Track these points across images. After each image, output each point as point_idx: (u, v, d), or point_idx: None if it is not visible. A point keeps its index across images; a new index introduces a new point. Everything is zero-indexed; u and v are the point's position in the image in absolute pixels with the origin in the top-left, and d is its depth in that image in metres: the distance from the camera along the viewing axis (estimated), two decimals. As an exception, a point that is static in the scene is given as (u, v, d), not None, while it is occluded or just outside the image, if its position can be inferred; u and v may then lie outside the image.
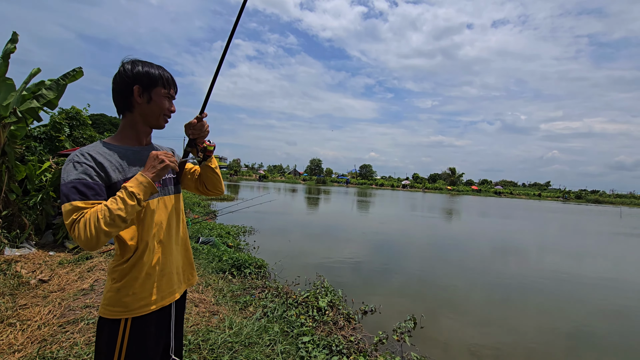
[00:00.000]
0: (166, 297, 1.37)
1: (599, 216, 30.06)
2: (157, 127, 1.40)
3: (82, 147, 1.24)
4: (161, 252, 1.35)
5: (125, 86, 1.29)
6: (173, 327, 1.43)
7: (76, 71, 5.94)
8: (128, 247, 1.27)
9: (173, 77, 1.40)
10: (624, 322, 5.10)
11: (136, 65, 1.31)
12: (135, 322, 1.26)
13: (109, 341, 1.24)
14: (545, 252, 10.74)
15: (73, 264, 4.70)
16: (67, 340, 2.80)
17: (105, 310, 1.25)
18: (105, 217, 1.08)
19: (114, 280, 1.27)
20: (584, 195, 79.72)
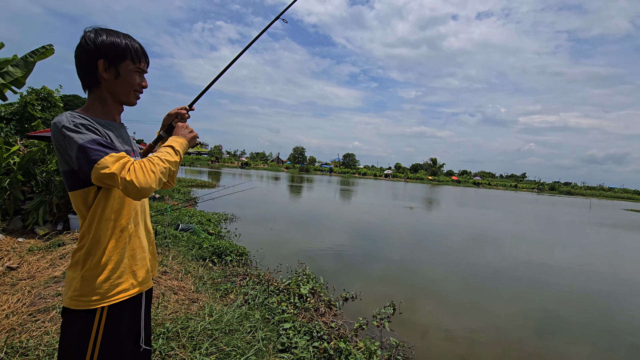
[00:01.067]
0: (143, 283, 1.31)
1: (570, 207, 31.44)
2: (128, 104, 1.30)
3: (65, 113, 1.12)
4: (138, 237, 1.30)
5: (88, 60, 1.17)
6: (143, 317, 1.36)
7: (46, 48, 5.60)
8: (109, 228, 1.19)
9: (143, 47, 1.27)
10: (590, 307, 5.38)
11: (100, 34, 1.17)
12: (111, 311, 1.17)
13: (81, 335, 1.13)
14: (519, 241, 11.16)
15: (44, 250, 4.50)
16: (37, 329, 2.69)
17: (75, 301, 1.13)
18: (160, 164, 1.12)
19: (86, 268, 1.15)
20: (557, 187, 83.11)
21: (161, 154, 1.17)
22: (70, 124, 1.07)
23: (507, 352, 3.74)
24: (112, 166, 1.03)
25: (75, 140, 1.06)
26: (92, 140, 1.06)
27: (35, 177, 5.80)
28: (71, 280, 1.17)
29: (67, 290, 1.16)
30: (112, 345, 1.18)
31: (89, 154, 1.04)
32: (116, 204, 1.20)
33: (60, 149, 1.11)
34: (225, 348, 2.69)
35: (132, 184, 1.03)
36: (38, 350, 2.41)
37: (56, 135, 1.09)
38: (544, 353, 3.79)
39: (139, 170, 1.06)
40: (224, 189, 11.34)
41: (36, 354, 2.38)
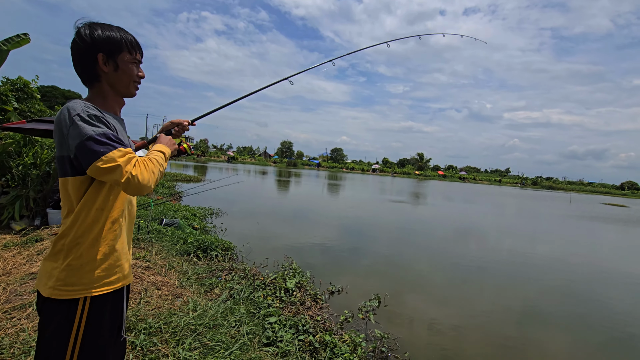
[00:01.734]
0: (126, 277, 1.31)
1: (551, 201, 32.32)
2: (128, 95, 1.33)
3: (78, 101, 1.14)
4: (127, 231, 1.32)
5: (87, 55, 1.19)
6: (125, 309, 1.36)
7: (21, 37, 5.37)
8: (100, 218, 1.19)
9: (136, 39, 1.30)
10: (568, 298, 5.55)
11: (94, 29, 1.19)
12: (94, 302, 1.17)
13: (63, 325, 1.12)
14: (501, 235, 11.42)
15: (20, 246, 4.35)
16: (13, 326, 2.60)
17: (58, 291, 1.12)
18: (158, 166, 1.20)
19: (72, 257, 1.14)
20: (539, 182, 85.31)
21: (157, 157, 1.24)
22: (84, 113, 1.09)
23: (489, 343, 3.83)
24: (119, 161, 1.07)
25: (84, 130, 1.06)
26: (102, 134, 1.08)
27: (10, 171, 5.58)
28: (50, 270, 1.15)
29: (47, 280, 1.14)
30: (94, 336, 1.17)
31: (96, 147, 1.06)
32: (111, 195, 1.21)
33: (61, 135, 1.11)
34: (209, 343, 2.67)
35: (136, 179, 1.08)
36: (13, 348, 2.34)
37: (64, 120, 1.09)
38: (524, 343, 3.90)
39: (143, 168, 1.12)
40: (209, 183, 11.18)
41: (11, 352, 2.30)
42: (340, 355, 2.92)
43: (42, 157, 5.71)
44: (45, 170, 5.73)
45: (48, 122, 5.12)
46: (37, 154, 5.70)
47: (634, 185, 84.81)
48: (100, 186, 1.17)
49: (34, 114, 7.02)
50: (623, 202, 44.32)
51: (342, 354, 2.92)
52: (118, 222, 1.24)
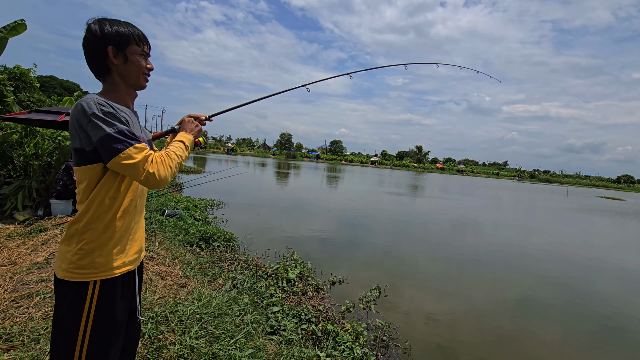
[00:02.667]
0: (135, 261, 1.38)
1: (548, 194, 32.50)
2: (139, 87, 1.38)
3: (92, 96, 1.18)
4: (137, 217, 1.38)
5: (98, 49, 1.25)
6: (138, 291, 1.43)
7: (17, 23, 5.30)
8: (112, 206, 1.24)
9: (143, 33, 1.35)
10: (564, 290, 5.65)
11: (103, 24, 1.25)
12: (103, 285, 1.23)
13: (75, 305, 1.18)
14: (498, 227, 11.52)
15: (25, 236, 4.38)
16: (21, 315, 2.65)
17: (70, 273, 1.18)
18: (175, 159, 1.27)
19: (85, 241, 1.20)
20: (537, 175, 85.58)
21: (176, 149, 1.32)
22: (99, 112, 1.14)
23: (485, 334, 3.92)
24: (137, 157, 1.14)
25: (103, 128, 1.13)
26: (120, 131, 1.14)
27: (12, 161, 5.58)
28: (64, 254, 1.21)
29: (61, 263, 1.21)
30: (105, 317, 1.23)
31: (115, 144, 1.13)
32: (123, 185, 1.27)
33: (79, 130, 1.16)
34: (215, 331, 2.72)
35: (153, 176, 1.17)
36: (23, 336, 2.38)
37: (81, 117, 1.14)
38: (519, 333, 4.00)
39: (160, 164, 1.20)
40: (210, 174, 11.20)
41: (21, 340, 2.35)
42: (342, 344, 2.99)
43: (43, 147, 5.70)
44: (46, 161, 5.73)
45: (49, 113, 5.10)
46: (38, 145, 5.69)
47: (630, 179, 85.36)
48: (113, 176, 1.23)
49: (33, 103, 6.98)
50: (619, 195, 44.66)
51: (345, 343, 2.99)
52: (128, 211, 1.30)
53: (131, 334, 1.46)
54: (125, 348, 1.42)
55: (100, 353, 1.23)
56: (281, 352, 2.69)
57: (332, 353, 2.87)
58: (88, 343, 1.19)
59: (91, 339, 1.20)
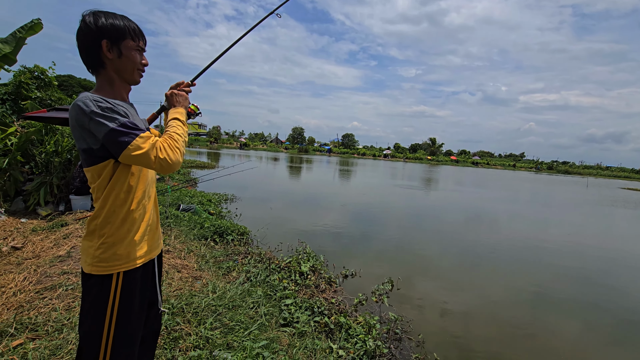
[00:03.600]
0: (153, 250, 1.42)
1: (567, 186, 31.59)
2: (133, 82, 1.37)
3: (86, 94, 1.18)
4: (150, 208, 1.42)
5: (92, 42, 1.23)
6: (158, 282, 1.48)
7: (34, 22, 5.43)
8: (127, 199, 1.28)
9: (139, 27, 1.33)
10: (583, 284, 5.52)
11: (99, 17, 1.23)
12: (125, 276, 1.28)
13: (101, 297, 1.24)
14: (514, 220, 11.28)
15: (47, 230, 4.55)
16: (45, 306, 2.76)
17: (95, 267, 1.24)
18: (179, 139, 1.27)
19: (105, 235, 1.25)
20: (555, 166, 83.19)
21: (176, 129, 1.32)
22: (97, 108, 1.14)
23: (500, 327, 3.87)
24: (144, 147, 1.16)
25: (105, 124, 1.14)
26: (122, 124, 1.16)
27: (34, 158, 5.78)
28: (87, 249, 1.26)
29: (86, 257, 1.26)
30: (128, 307, 1.29)
31: (121, 138, 1.15)
32: (133, 178, 1.30)
33: (82, 130, 1.18)
34: (229, 323, 2.78)
35: (165, 162, 1.19)
36: (47, 326, 2.49)
37: (80, 117, 1.15)
38: (535, 329, 3.92)
39: (168, 149, 1.21)
40: (223, 169, 11.32)
41: (45, 330, 2.45)
42: (355, 336, 3.01)
43: (63, 144, 5.88)
44: (66, 158, 5.91)
45: (67, 111, 5.25)
46: (58, 142, 5.86)
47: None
48: (125, 171, 1.26)
49: (53, 102, 7.19)
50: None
51: (357, 335, 3.01)
52: (142, 202, 1.35)
53: (152, 325, 1.51)
54: (145, 338, 1.46)
55: (124, 341, 1.28)
56: (294, 343, 2.73)
57: (344, 345, 2.89)
58: (114, 332, 1.25)
59: (116, 328, 1.25)
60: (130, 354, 1.31)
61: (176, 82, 1.55)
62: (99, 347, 1.24)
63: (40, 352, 2.18)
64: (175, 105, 1.46)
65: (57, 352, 2.21)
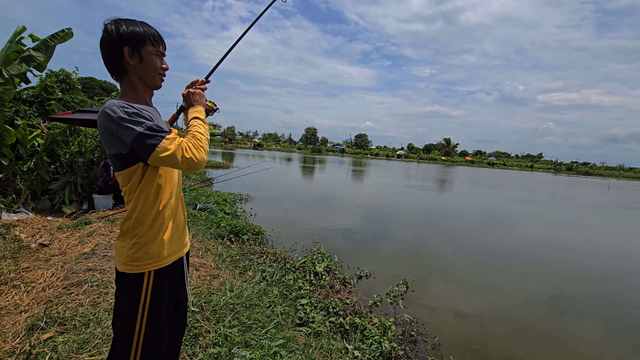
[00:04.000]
0: (181, 249, 1.48)
1: (587, 187, 30.65)
2: (154, 87, 1.41)
3: (113, 102, 1.23)
4: (178, 209, 1.47)
5: (114, 49, 1.27)
6: (186, 281, 1.54)
7: (65, 32, 5.65)
8: (156, 200, 1.33)
9: (159, 32, 1.37)
10: (604, 287, 5.36)
11: (119, 25, 1.27)
12: (156, 274, 1.33)
13: (134, 295, 1.30)
14: (531, 221, 11.03)
15: (72, 228, 4.73)
16: (72, 301, 2.88)
17: (128, 266, 1.30)
18: (202, 138, 1.31)
19: (137, 236, 1.30)
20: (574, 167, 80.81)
21: (197, 128, 1.35)
22: (124, 114, 1.19)
23: (517, 331, 3.81)
24: (171, 148, 1.20)
25: (133, 128, 1.18)
26: (149, 128, 1.20)
27: (59, 159, 6.01)
28: (121, 249, 1.32)
29: (120, 257, 1.32)
30: (158, 304, 1.34)
31: (149, 140, 1.19)
32: (161, 179, 1.35)
33: (111, 136, 1.22)
34: (247, 321, 2.84)
35: (192, 161, 1.23)
36: (74, 321, 2.60)
37: (109, 124, 1.20)
38: (553, 332, 3.85)
39: (193, 148, 1.25)
40: (238, 169, 11.49)
41: (72, 324, 2.56)
42: (370, 337, 3.02)
43: (86, 145, 6.09)
44: (89, 158, 6.12)
45: (91, 112, 5.44)
46: (82, 143, 6.08)
47: (683, 171, 78.56)
48: (153, 173, 1.31)
49: (77, 104, 7.46)
50: (670, 189, 41.29)
51: (372, 336, 3.02)
52: (170, 202, 1.39)
53: (178, 323, 1.57)
54: (171, 336, 1.51)
55: (154, 338, 1.34)
56: (310, 343, 2.76)
57: (360, 346, 2.91)
58: (145, 329, 1.30)
59: (147, 325, 1.31)
60: (159, 351, 1.36)
61: (191, 81, 1.57)
62: (130, 344, 1.29)
63: (69, 345, 2.28)
64: (193, 104, 1.48)
65: (84, 345, 2.31)
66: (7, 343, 2.29)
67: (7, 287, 3.06)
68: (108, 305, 2.85)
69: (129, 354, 1.30)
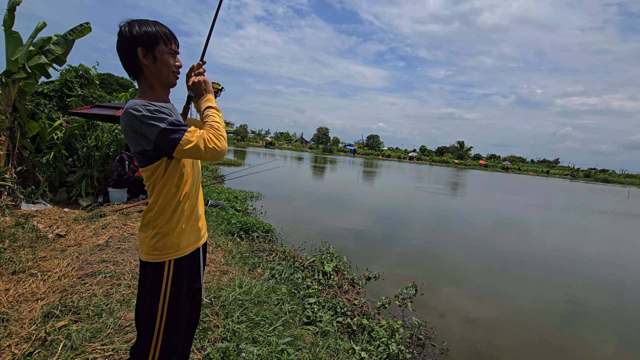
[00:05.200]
0: (199, 239, 1.52)
1: (606, 195, 29.80)
2: (169, 85, 1.44)
3: (135, 101, 1.26)
4: (197, 202, 1.51)
5: (128, 50, 1.31)
6: (202, 272, 1.58)
7: (84, 26, 5.79)
8: (177, 193, 1.37)
9: (171, 31, 1.39)
10: (618, 298, 5.21)
11: (133, 26, 1.31)
12: (177, 263, 1.38)
13: (156, 283, 1.34)
14: (545, 228, 10.79)
15: (87, 220, 4.84)
16: (86, 291, 2.95)
17: (150, 255, 1.35)
18: (219, 126, 1.34)
19: (158, 226, 1.35)
20: (592, 174, 78.64)
21: (213, 117, 1.38)
22: (147, 112, 1.23)
23: (528, 340, 3.73)
24: (194, 140, 1.24)
25: (157, 125, 1.23)
26: (171, 123, 1.25)
27: (77, 152, 6.16)
28: (144, 239, 1.37)
29: (142, 247, 1.37)
30: (178, 292, 1.39)
31: (172, 135, 1.23)
32: (182, 173, 1.39)
33: (135, 134, 1.27)
34: (255, 318, 2.86)
35: (215, 150, 1.27)
36: (88, 310, 2.66)
37: (132, 122, 1.24)
38: (566, 343, 3.76)
39: (214, 138, 1.29)
40: (249, 167, 11.58)
41: (86, 313, 2.62)
42: (377, 339, 3.01)
43: (103, 139, 6.23)
44: (105, 152, 6.25)
45: (108, 108, 5.56)
46: (98, 137, 6.22)
47: None
48: (176, 167, 1.36)
49: (95, 99, 7.63)
50: (693, 199, 39.79)
51: (380, 338, 3.01)
52: (190, 194, 1.43)
53: (193, 314, 1.60)
54: (187, 326, 1.56)
55: (175, 323, 1.38)
56: (317, 342, 2.76)
57: (367, 347, 2.90)
58: (166, 314, 1.35)
59: (168, 311, 1.36)
60: (177, 340, 1.41)
61: (189, 68, 1.54)
62: (152, 333, 1.34)
63: (82, 334, 2.33)
64: (202, 93, 1.49)
65: (97, 334, 2.36)
66: (24, 329, 2.36)
67: (25, 275, 3.15)
68: (120, 296, 2.91)
69: (150, 343, 1.34)
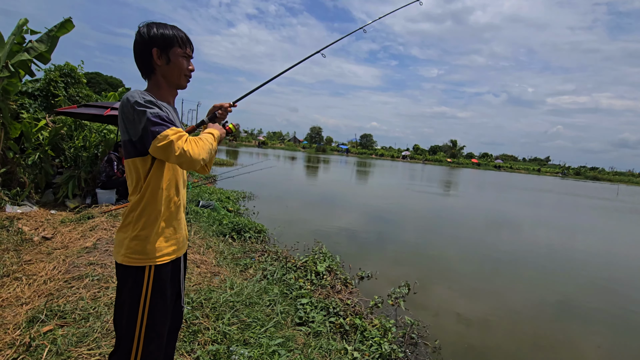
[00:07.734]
0: (181, 248, 1.48)
1: (595, 192, 30.29)
2: (180, 87, 1.46)
3: (135, 90, 1.29)
4: (181, 207, 1.48)
5: (144, 50, 1.34)
6: (183, 280, 1.54)
7: (65, 20, 5.65)
8: (163, 195, 1.34)
9: (187, 36, 1.43)
10: (609, 295, 5.28)
11: (151, 28, 1.34)
12: (157, 270, 1.34)
13: (135, 288, 1.30)
14: (536, 226, 10.93)
15: (75, 222, 4.74)
16: (73, 295, 2.88)
17: (127, 258, 1.30)
18: (207, 144, 1.31)
19: (140, 228, 1.31)
20: (582, 172, 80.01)
21: (207, 137, 1.38)
22: (141, 100, 1.23)
23: (520, 338, 3.75)
24: (171, 136, 1.20)
25: (145, 112, 1.21)
26: (157, 115, 1.23)
27: (63, 153, 6.04)
28: (122, 240, 1.32)
29: (120, 249, 1.32)
30: (159, 299, 1.34)
31: (153, 127, 1.21)
32: (169, 175, 1.37)
33: (127, 121, 1.26)
34: (246, 319, 2.82)
35: (188, 154, 1.21)
36: (74, 314, 2.59)
37: (127, 108, 1.23)
38: (558, 339, 3.79)
39: (193, 143, 1.25)
40: (242, 167, 11.50)
41: (73, 317, 2.56)
42: (370, 339, 2.99)
43: (90, 140, 6.12)
44: (93, 153, 6.14)
45: (96, 107, 5.46)
46: (86, 137, 6.11)
47: (694, 178, 77.35)
48: (161, 167, 1.33)
49: (82, 98, 7.49)
50: (679, 195, 40.70)
51: (373, 338, 3.00)
52: (174, 200, 1.40)
53: (174, 320, 1.56)
54: (169, 330, 1.52)
55: (155, 331, 1.34)
56: (309, 343, 2.74)
57: (359, 347, 2.88)
58: (146, 322, 1.31)
59: (149, 318, 1.31)
60: (159, 345, 1.37)
61: (220, 104, 1.63)
62: (132, 338, 1.30)
63: (68, 338, 2.27)
64: (215, 122, 1.58)
65: (83, 339, 2.30)
66: (8, 335, 2.29)
67: (9, 279, 3.07)
68: (108, 299, 2.85)
69: (131, 349, 1.30)
